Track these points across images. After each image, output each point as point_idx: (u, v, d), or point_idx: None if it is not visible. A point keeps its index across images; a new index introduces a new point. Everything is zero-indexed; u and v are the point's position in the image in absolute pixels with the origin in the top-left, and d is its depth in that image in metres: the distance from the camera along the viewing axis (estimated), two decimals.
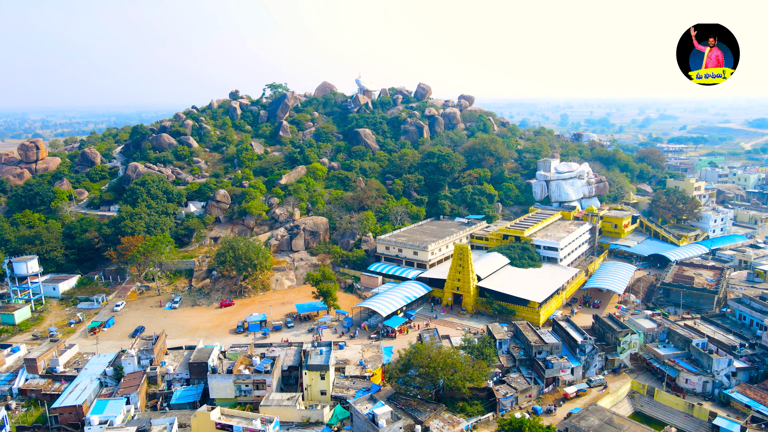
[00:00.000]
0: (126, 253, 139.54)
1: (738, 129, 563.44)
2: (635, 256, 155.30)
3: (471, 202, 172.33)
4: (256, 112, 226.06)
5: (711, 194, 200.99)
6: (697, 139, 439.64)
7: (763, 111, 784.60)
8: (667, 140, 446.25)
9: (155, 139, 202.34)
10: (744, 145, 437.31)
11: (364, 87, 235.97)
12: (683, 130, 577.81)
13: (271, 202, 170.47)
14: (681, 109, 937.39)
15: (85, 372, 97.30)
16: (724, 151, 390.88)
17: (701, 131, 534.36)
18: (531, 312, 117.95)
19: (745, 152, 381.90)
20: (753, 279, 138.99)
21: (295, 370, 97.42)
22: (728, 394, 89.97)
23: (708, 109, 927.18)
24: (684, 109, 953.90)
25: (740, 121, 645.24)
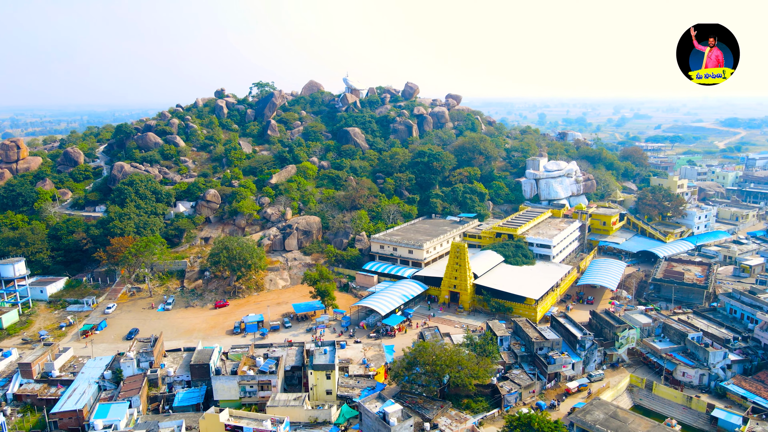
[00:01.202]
0: (116, 255, 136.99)
1: (711, 128, 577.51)
2: (624, 252, 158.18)
3: (462, 200, 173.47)
4: (243, 111, 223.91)
5: (693, 192, 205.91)
6: (673, 138, 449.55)
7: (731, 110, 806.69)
8: (645, 139, 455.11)
9: (140, 138, 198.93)
10: (718, 144, 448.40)
11: (352, 86, 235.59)
12: (658, 129, 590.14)
13: (262, 201, 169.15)
14: (654, 109, 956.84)
15: (82, 376, 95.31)
16: (700, 149, 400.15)
17: (676, 130, 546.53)
18: (528, 309, 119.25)
19: (720, 151, 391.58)
20: (739, 274, 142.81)
21: (298, 370, 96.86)
22: (725, 386, 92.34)
23: (679, 109, 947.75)
24: (657, 108, 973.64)
25: (711, 121, 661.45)
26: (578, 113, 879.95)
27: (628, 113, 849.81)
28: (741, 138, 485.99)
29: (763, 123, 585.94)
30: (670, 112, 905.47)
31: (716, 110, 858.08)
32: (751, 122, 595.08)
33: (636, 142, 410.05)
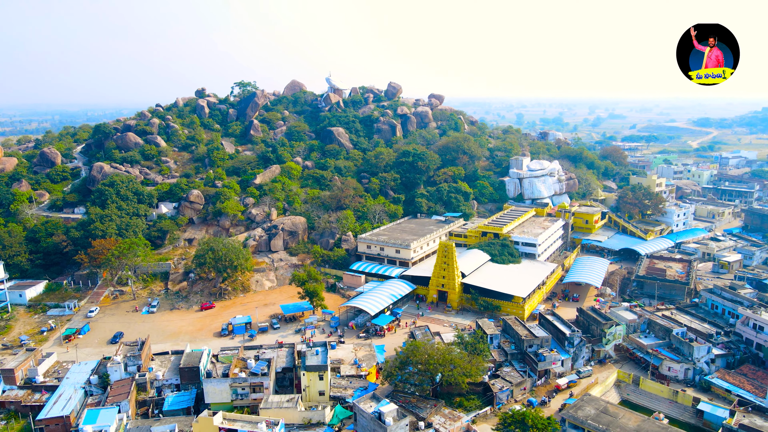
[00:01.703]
0: (99, 257, 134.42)
1: (684, 128, 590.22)
2: (607, 250, 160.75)
3: (447, 200, 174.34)
4: (225, 111, 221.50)
5: (671, 190, 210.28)
6: (649, 138, 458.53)
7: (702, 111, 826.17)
8: (621, 138, 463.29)
9: (120, 139, 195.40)
10: (691, 143, 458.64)
11: (335, 85, 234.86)
12: (633, 129, 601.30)
13: (247, 202, 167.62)
14: (628, 109, 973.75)
15: (68, 381, 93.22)
16: (674, 149, 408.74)
17: (650, 130, 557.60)
18: (516, 307, 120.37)
19: (694, 150, 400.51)
20: (718, 270, 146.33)
21: (289, 371, 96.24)
22: (709, 380, 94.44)
23: (653, 109, 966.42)
24: (630, 108, 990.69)
25: (684, 121, 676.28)
26: (555, 113, 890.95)
27: (603, 113, 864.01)
28: (713, 137, 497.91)
29: (734, 123, 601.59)
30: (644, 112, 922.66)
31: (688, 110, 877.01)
32: (722, 122, 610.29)
33: (613, 141, 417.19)
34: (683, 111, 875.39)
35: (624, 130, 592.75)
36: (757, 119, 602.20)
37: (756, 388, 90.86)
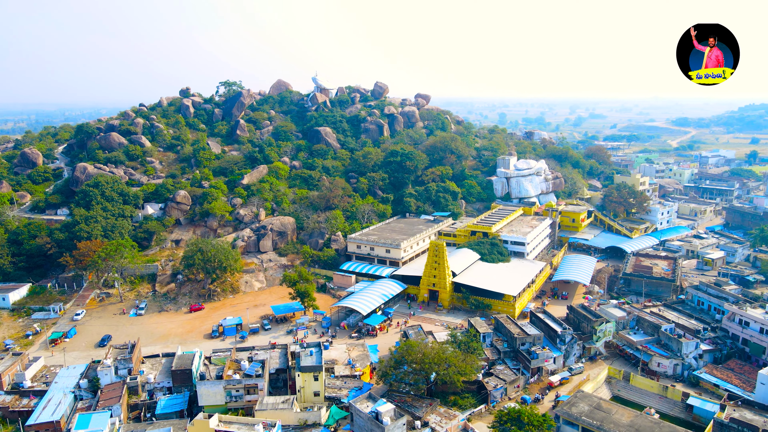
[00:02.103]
0: (84, 259, 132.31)
1: (663, 127, 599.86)
2: (593, 248, 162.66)
3: (436, 199, 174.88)
4: (210, 111, 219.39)
5: (654, 189, 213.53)
6: (630, 137, 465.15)
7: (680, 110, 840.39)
8: (602, 138, 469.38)
9: (103, 139, 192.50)
10: (671, 143, 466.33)
11: (321, 85, 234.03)
12: (614, 128, 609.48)
13: (235, 202, 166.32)
14: (608, 109, 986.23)
15: (56, 386, 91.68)
16: (655, 148, 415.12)
17: (631, 129, 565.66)
18: (507, 305, 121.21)
19: (674, 149, 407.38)
20: (702, 267, 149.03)
21: (282, 372, 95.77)
22: (697, 375, 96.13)
23: (632, 109, 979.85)
24: (610, 108, 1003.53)
25: (663, 120, 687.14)
26: (536, 113, 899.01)
27: (584, 113, 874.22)
28: (692, 137, 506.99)
29: (711, 122, 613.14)
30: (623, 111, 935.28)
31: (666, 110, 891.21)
32: (700, 122, 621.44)
33: (595, 141, 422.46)
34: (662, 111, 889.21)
35: (605, 129, 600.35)
36: (733, 119, 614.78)
37: (743, 383, 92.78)
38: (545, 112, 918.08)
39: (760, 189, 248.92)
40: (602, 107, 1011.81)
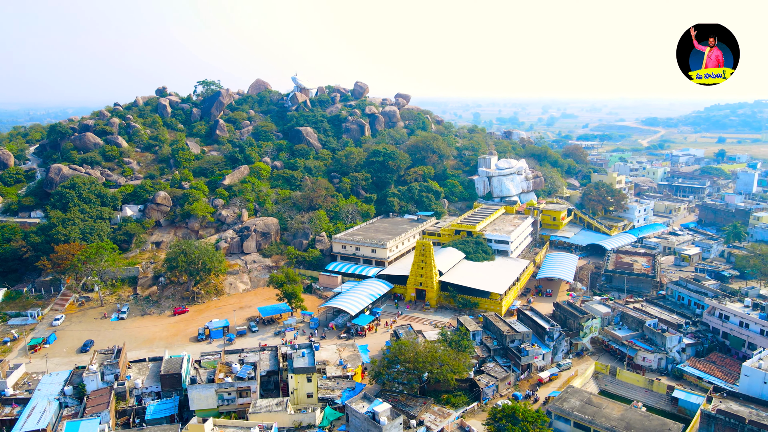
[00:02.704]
0: (63, 263, 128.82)
1: (633, 127, 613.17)
2: (574, 246, 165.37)
3: (419, 199, 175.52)
4: (189, 110, 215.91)
5: (630, 187, 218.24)
6: (602, 137, 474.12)
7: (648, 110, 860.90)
8: (576, 137, 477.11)
9: (78, 139, 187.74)
10: (642, 142, 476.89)
11: (301, 84, 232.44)
12: (586, 128, 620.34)
13: (216, 203, 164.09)
14: (578, 108, 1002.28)
15: (39, 393, 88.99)
16: (627, 147, 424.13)
17: (602, 129, 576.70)
18: (493, 303, 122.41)
19: (645, 148, 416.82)
20: (680, 263, 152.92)
21: (274, 374, 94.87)
22: (681, 369, 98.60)
23: (601, 109, 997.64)
24: (581, 108, 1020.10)
25: (632, 120, 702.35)
26: (510, 113, 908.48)
27: (556, 113, 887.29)
28: (661, 136, 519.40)
29: (679, 122, 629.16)
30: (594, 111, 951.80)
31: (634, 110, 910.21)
32: (668, 121, 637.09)
33: (568, 140, 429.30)
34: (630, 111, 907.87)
35: (577, 129, 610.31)
36: (700, 119, 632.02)
37: (725, 375, 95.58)
38: (518, 112, 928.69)
39: (729, 186, 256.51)
40: (573, 107, 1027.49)
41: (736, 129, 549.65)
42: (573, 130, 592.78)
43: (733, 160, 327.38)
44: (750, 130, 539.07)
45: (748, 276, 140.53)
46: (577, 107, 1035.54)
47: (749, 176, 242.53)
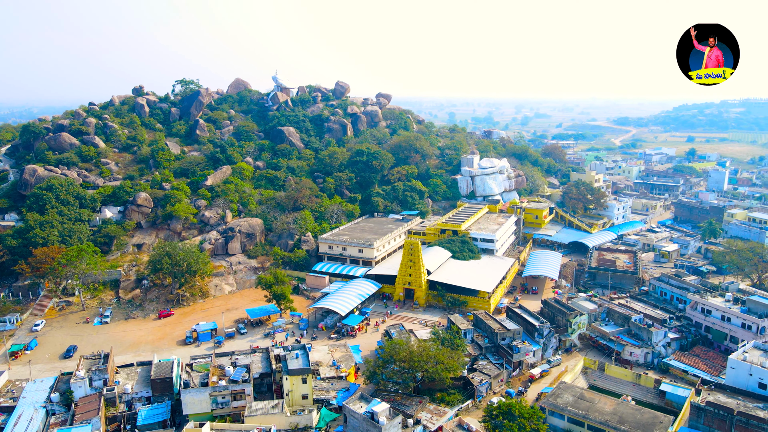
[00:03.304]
0: (42, 266, 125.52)
1: (606, 126, 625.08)
2: (557, 244, 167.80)
3: (403, 198, 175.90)
4: (167, 110, 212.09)
5: (608, 185, 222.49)
6: (577, 136, 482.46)
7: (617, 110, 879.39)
8: (551, 137, 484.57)
9: (53, 139, 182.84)
10: (614, 141, 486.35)
11: (282, 84, 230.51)
12: (559, 127, 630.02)
13: (199, 204, 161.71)
14: (551, 108, 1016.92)
15: (25, 401, 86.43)
16: (601, 146, 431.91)
17: (575, 129, 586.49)
18: (482, 302, 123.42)
19: (618, 147, 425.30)
20: (659, 259, 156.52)
21: (267, 376, 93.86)
22: (667, 362, 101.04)
23: (573, 108, 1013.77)
24: (553, 108, 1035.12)
25: (604, 119, 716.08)
26: (484, 112, 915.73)
27: (529, 112, 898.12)
28: (633, 135, 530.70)
29: (649, 122, 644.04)
30: (566, 111, 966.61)
31: (604, 110, 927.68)
32: (639, 121, 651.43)
33: (544, 139, 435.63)
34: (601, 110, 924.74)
35: (551, 128, 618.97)
36: (669, 118, 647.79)
37: (709, 368, 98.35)
38: (492, 112, 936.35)
39: (701, 184, 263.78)
40: (545, 107, 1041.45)
41: (703, 128, 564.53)
42: (547, 129, 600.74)
43: (704, 159, 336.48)
44: (717, 129, 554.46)
45: (724, 271, 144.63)
46: (550, 107, 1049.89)
47: (720, 174, 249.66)
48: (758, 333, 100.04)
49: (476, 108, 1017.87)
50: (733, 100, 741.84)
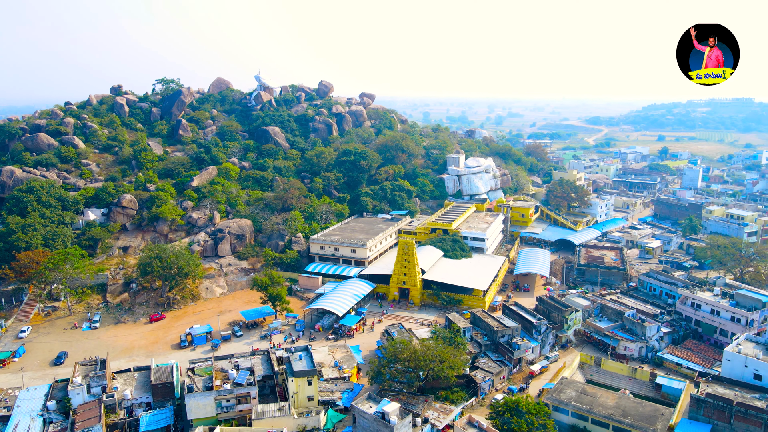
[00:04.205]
0: (27, 271, 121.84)
1: (578, 126, 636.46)
2: (543, 241, 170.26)
3: (392, 198, 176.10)
4: (148, 109, 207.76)
5: (588, 184, 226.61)
6: (552, 135, 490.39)
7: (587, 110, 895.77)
8: (527, 136, 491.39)
9: (30, 140, 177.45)
10: (588, 140, 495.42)
11: (265, 83, 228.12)
12: (533, 126, 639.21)
13: (185, 205, 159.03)
14: (522, 108, 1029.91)
15: (19, 410, 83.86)
16: (576, 145, 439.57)
17: (549, 128, 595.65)
18: (476, 300, 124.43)
19: (593, 146, 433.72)
20: (644, 256, 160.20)
21: (269, 379, 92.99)
22: (661, 356, 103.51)
23: (544, 108, 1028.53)
24: (525, 107, 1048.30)
25: (575, 119, 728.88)
26: (457, 112, 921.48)
27: (502, 112, 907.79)
28: (605, 134, 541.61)
29: (620, 121, 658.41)
30: (537, 111, 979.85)
31: (574, 110, 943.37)
32: (610, 120, 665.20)
33: (520, 138, 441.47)
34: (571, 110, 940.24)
35: (525, 127, 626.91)
36: (639, 118, 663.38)
37: (702, 360, 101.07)
38: (466, 111, 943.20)
39: (675, 182, 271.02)
40: (517, 106, 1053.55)
41: (672, 127, 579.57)
42: (521, 128, 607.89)
43: (676, 157, 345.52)
44: (685, 128, 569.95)
45: (706, 266, 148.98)
46: (521, 106, 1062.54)
47: (694, 172, 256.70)
48: (747, 325, 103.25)
49: (450, 107, 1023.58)
50: (699, 100, 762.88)
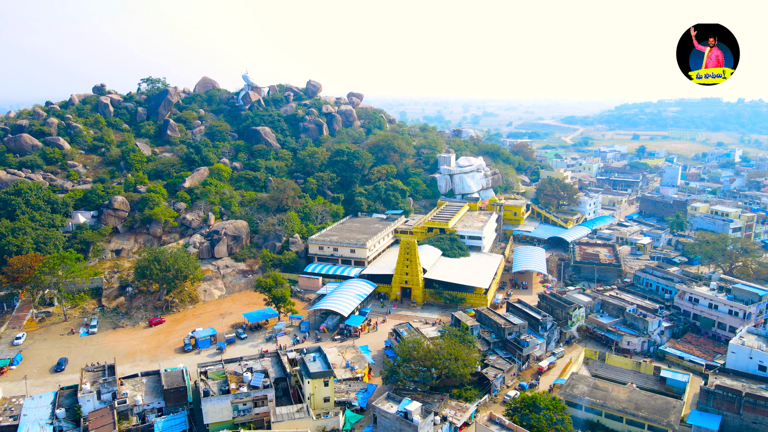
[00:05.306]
0: (20, 276, 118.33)
1: (554, 125, 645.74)
2: (536, 239, 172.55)
3: (386, 197, 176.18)
4: (133, 109, 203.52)
5: (575, 182, 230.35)
6: (531, 135, 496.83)
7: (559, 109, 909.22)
8: (506, 135, 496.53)
9: (12, 141, 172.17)
10: (565, 139, 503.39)
11: (253, 83, 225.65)
12: (510, 126, 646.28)
13: (178, 207, 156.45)
14: (496, 107, 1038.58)
15: (26, 419, 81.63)
16: (554, 144, 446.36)
17: (525, 127, 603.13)
18: (479, 298, 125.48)
19: (571, 145, 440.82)
20: (636, 252, 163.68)
21: (282, 381, 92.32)
22: (663, 350, 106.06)
23: (518, 108, 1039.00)
24: (499, 107, 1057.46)
25: (549, 118, 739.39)
26: (433, 111, 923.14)
27: (477, 111, 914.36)
28: (581, 134, 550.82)
29: (595, 120, 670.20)
30: (511, 110, 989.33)
31: (547, 109, 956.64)
32: (585, 119, 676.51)
33: (499, 138, 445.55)
34: (544, 109, 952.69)
35: (502, 127, 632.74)
36: (613, 117, 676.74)
37: (703, 353, 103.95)
38: (441, 111, 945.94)
39: (656, 180, 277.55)
40: (491, 106, 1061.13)
41: (645, 126, 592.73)
42: (498, 128, 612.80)
43: (653, 156, 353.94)
44: (657, 127, 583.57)
45: (695, 262, 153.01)
46: (495, 106, 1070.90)
47: (674, 170, 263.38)
48: (745, 318, 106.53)
49: (425, 107, 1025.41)
50: (669, 100, 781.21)
